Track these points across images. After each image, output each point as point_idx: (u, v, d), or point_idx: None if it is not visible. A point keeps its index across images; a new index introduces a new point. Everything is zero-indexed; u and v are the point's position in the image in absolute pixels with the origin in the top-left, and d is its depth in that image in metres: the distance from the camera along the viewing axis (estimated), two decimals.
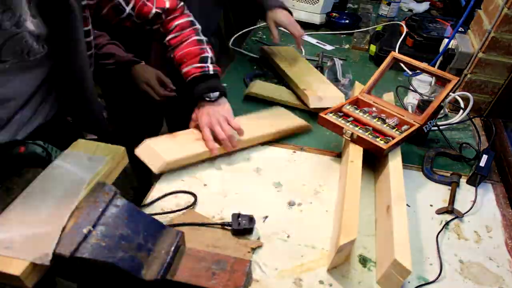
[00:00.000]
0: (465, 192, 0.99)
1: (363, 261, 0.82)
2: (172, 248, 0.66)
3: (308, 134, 1.15)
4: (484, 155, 1.02)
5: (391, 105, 1.07)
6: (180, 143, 1.00)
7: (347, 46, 1.67)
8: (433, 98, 1.06)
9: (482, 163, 1.00)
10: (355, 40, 1.69)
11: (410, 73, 1.39)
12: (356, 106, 1.06)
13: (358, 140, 0.95)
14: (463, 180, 1.02)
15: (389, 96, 1.15)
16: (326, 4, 1.75)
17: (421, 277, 0.79)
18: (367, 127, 0.99)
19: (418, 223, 0.90)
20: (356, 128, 0.97)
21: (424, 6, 2.00)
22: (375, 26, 1.79)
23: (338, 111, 1.04)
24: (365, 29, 1.78)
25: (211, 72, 1.02)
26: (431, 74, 1.06)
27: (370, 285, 0.77)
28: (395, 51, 1.47)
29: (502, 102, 1.24)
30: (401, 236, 0.75)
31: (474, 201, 0.95)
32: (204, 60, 1.02)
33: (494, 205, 0.97)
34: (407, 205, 0.86)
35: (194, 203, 0.90)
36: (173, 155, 0.95)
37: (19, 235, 0.60)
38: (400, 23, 1.61)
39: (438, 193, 0.98)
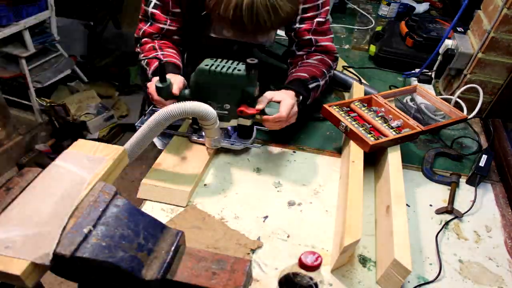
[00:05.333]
0: (465, 192, 0.99)
1: (363, 261, 0.82)
2: (172, 248, 0.66)
3: (308, 134, 1.15)
4: (483, 155, 1.02)
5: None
6: (174, 166, 0.98)
7: (347, 46, 1.67)
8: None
9: (481, 163, 1.00)
10: (355, 40, 1.69)
11: (408, 73, 1.39)
12: (365, 104, 1.07)
13: (350, 133, 0.96)
14: (462, 180, 1.02)
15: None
16: None
17: (420, 276, 0.79)
18: (367, 123, 1.00)
19: (418, 223, 0.90)
20: (353, 123, 0.98)
21: (424, 6, 2.00)
22: (375, 26, 1.79)
23: (345, 105, 1.05)
24: (365, 28, 1.78)
25: (309, 86, 1.06)
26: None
27: (370, 285, 0.77)
28: (394, 51, 1.47)
29: (502, 102, 1.24)
30: (401, 236, 0.75)
31: (474, 201, 0.95)
32: (314, 79, 1.07)
33: (494, 205, 0.97)
34: (407, 205, 0.86)
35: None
36: (184, 181, 0.93)
37: (20, 235, 0.60)
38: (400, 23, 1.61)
39: (437, 193, 0.98)
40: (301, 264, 0.57)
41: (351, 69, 1.42)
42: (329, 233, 0.87)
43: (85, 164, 0.73)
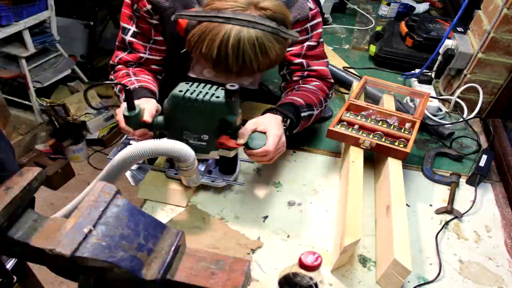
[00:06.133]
0: (465, 192, 0.99)
1: (363, 261, 0.82)
2: (172, 248, 0.66)
3: (308, 134, 1.15)
4: (483, 155, 1.02)
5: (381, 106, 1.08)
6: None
7: (347, 46, 1.67)
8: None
9: (481, 163, 1.00)
10: (355, 40, 1.69)
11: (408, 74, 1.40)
12: (352, 112, 1.03)
13: (377, 148, 0.93)
14: (462, 180, 1.02)
15: (388, 97, 1.15)
16: (325, 4, 1.75)
17: (420, 276, 0.79)
18: (376, 132, 0.96)
19: (417, 223, 0.90)
20: (371, 136, 0.94)
21: (424, 6, 2.00)
22: (375, 26, 1.79)
23: (341, 121, 1.00)
24: (365, 28, 1.79)
25: (302, 115, 0.96)
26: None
27: (370, 284, 0.77)
28: (394, 51, 1.47)
29: (502, 102, 1.24)
30: (401, 236, 0.75)
31: (474, 201, 0.95)
32: (309, 107, 0.97)
33: (494, 205, 0.97)
34: (407, 205, 0.86)
35: None
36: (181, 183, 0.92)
37: None
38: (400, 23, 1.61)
39: (437, 193, 0.98)
40: (301, 264, 0.57)
41: (351, 70, 1.42)
42: (329, 233, 0.87)
43: None
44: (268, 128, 0.85)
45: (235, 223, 0.88)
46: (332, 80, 1.08)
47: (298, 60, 1.02)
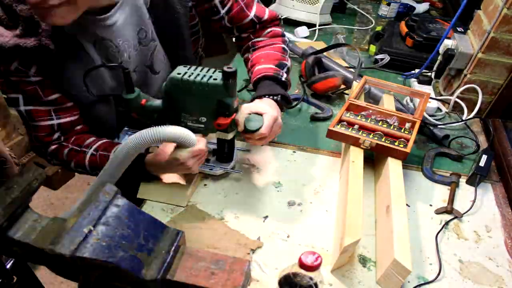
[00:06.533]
0: (465, 192, 0.99)
1: (363, 261, 0.82)
2: (173, 248, 0.66)
3: (308, 134, 1.15)
4: (483, 155, 1.02)
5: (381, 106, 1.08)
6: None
7: None
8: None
9: (481, 163, 1.00)
10: (355, 40, 1.69)
11: (407, 74, 1.39)
12: (352, 112, 1.02)
13: (377, 148, 0.93)
14: (462, 180, 1.02)
15: (388, 97, 1.15)
16: (325, 4, 1.75)
17: (420, 276, 0.79)
18: (376, 132, 0.96)
19: (417, 223, 0.90)
20: (371, 136, 0.94)
21: (424, 6, 2.00)
22: (375, 26, 1.79)
23: (341, 121, 1.00)
24: (365, 28, 1.78)
25: (283, 79, 0.95)
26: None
27: (370, 285, 0.77)
28: (394, 51, 1.47)
29: (502, 102, 1.24)
30: (401, 236, 0.75)
31: (474, 201, 0.95)
32: (281, 66, 0.97)
33: (494, 205, 0.97)
34: (407, 205, 0.87)
35: None
36: (184, 181, 0.93)
37: None
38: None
39: (437, 193, 0.98)
40: (301, 264, 0.57)
41: (351, 70, 1.42)
42: (329, 233, 0.87)
43: None
44: (263, 110, 0.86)
45: (235, 223, 0.88)
46: (278, 16, 1.03)
47: (247, 19, 0.98)
